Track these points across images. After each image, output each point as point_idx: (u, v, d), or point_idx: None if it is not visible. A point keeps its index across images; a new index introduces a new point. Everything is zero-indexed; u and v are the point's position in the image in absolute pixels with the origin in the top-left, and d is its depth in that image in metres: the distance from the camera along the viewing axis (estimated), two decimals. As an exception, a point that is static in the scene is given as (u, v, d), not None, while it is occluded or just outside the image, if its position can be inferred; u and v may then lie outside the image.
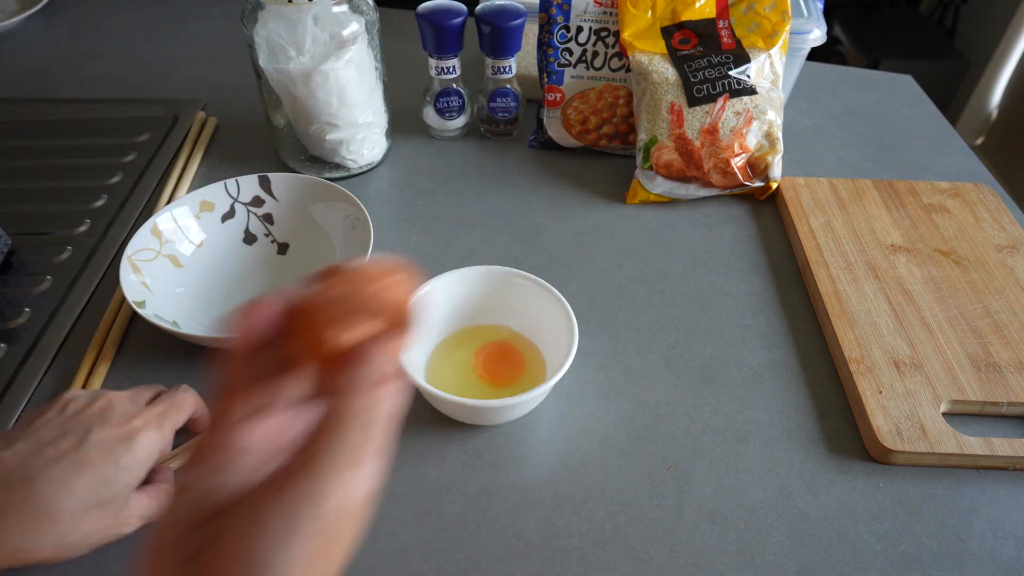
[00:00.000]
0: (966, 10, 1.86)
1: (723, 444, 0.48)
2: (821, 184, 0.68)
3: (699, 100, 0.64)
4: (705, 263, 0.62)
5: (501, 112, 0.73)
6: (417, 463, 0.46)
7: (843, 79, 0.91)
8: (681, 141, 0.64)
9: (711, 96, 0.63)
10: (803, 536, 0.43)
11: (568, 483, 0.45)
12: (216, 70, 0.87)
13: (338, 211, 0.59)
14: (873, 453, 0.47)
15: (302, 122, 0.66)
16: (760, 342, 0.55)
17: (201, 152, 0.73)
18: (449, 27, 0.66)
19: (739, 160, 0.65)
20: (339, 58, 0.61)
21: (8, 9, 0.98)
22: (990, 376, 0.50)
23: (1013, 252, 0.61)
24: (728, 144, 0.64)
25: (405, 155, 0.74)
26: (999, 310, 0.55)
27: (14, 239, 0.61)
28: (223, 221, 0.59)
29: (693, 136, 0.64)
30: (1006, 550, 0.43)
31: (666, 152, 0.65)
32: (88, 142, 0.74)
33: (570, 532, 0.43)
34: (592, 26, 0.68)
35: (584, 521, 0.44)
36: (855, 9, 1.84)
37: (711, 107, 0.63)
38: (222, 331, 0.51)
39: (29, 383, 0.50)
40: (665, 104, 0.64)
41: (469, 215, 0.66)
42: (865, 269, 0.59)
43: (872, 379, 0.50)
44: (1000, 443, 0.46)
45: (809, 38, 0.70)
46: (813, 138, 0.78)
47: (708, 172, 0.65)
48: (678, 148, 0.65)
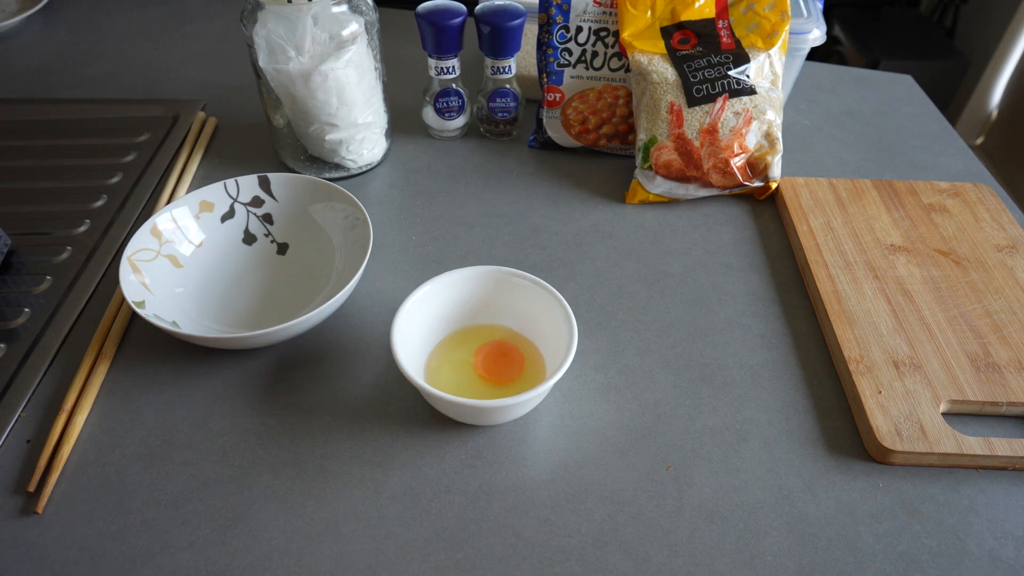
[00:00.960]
0: (966, 10, 1.86)
1: (722, 444, 0.48)
2: (820, 184, 0.68)
3: (698, 100, 0.64)
4: (704, 263, 0.62)
5: (501, 112, 0.73)
6: (416, 463, 0.46)
7: (843, 79, 0.91)
8: (680, 141, 0.64)
9: (710, 96, 0.63)
10: (802, 536, 0.43)
11: (567, 483, 0.46)
12: (216, 70, 0.87)
13: (338, 211, 0.59)
14: (872, 453, 0.47)
15: (302, 122, 0.66)
16: (759, 342, 0.55)
17: (201, 152, 0.73)
18: (449, 27, 0.66)
19: (738, 160, 0.65)
20: (338, 58, 0.61)
21: (8, 9, 0.98)
22: (989, 376, 0.50)
23: (1013, 252, 0.61)
24: (727, 144, 0.64)
25: (405, 155, 0.74)
26: (999, 310, 0.55)
27: (14, 239, 0.61)
28: (223, 221, 0.59)
29: (692, 136, 0.64)
30: (1005, 550, 0.43)
31: (665, 152, 0.65)
32: (88, 142, 0.74)
33: (569, 532, 0.43)
34: (591, 26, 0.68)
35: (583, 521, 0.44)
36: (855, 9, 1.84)
37: (710, 107, 0.63)
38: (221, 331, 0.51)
39: (29, 383, 0.50)
40: (664, 104, 0.64)
41: (469, 215, 0.66)
42: (864, 269, 0.59)
43: (871, 379, 0.50)
44: (999, 443, 0.46)
45: (809, 38, 0.70)
46: (813, 138, 0.79)
47: (707, 172, 0.65)
48: (677, 148, 0.65)
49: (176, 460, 0.46)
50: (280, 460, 0.46)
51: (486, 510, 0.44)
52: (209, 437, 0.48)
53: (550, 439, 0.48)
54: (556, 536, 0.43)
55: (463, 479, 0.46)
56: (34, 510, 0.43)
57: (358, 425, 0.48)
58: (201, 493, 0.44)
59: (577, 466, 0.46)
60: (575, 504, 0.44)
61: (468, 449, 0.47)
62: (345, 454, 0.47)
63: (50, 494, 0.44)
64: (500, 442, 0.48)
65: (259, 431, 0.48)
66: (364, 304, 0.57)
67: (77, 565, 0.41)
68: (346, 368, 0.52)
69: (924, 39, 1.77)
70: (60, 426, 0.47)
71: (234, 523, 0.43)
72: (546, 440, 0.48)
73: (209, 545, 0.42)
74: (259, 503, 0.44)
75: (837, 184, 0.68)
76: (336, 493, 0.45)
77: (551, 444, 0.48)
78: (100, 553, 0.41)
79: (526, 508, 0.44)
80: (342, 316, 0.56)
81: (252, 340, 0.50)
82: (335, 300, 0.50)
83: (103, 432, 0.48)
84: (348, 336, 0.55)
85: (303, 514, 0.43)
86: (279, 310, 0.55)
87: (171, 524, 0.43)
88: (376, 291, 0.58)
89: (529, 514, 0.44)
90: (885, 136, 0.79)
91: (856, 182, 0.68)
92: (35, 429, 0.48)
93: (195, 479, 0.45)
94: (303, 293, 0.57)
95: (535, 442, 0.48)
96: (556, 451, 0.47)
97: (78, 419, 0.48)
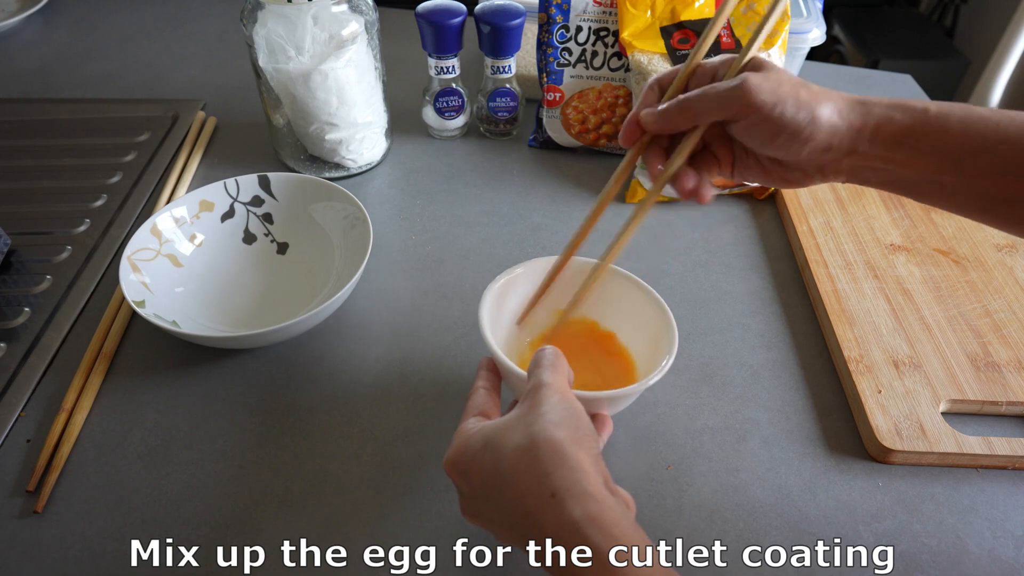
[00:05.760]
0: (966, 10, 1.85)
1: (722, 444, 0.48)
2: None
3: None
4: (704, 263, 0.62)
5: (500, 112, 0.73)
6: (416, 463, 0.46)
7: (843, 79, 0.91)
8: (680, 141, 0.64)
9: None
10: (802, 536, 0.43)
11: (567, 482, 0.45)
12: (216, 70, 0.87)
13: (338, 211, 0.59)
14: (872, 452, 0.47)
15: (302, 122, 0.66)
16: (759, 341, 0.55)
17: (201, 152, 0.73)
18: (448, 27, 0.66)
19: (738, 160, 0.65)
20: (338, 58, 0.61)
21: (8, 9, 0.98)
22: (989, 375, 0.50)
23: (1012, 251, 0.61)
24: (727, 144, 0.64)
25: (405, 155, 0.74)
26: (998, 309, 0.55)
27: (14, 239, 0.61)
28: (223, 221, 0.59)
29: (692, 136, 0.64)
30: (1005, 549, 0.43)
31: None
32: (88, 142, 0.74)
33: (569, 531, 0.43)
34: (591, 26, 0.68)
35: (583, 520, 0.43)
36: (855, 9, 1.84)
37: (710, 107, 0.63)
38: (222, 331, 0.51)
39: (29, 383, 0.50)
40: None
41: (469, 215, 0.66)
42: (864, 269, 0.59)
43: (871, 378, 0.50)
44: (999, 442, 0.46)
45: (808, 38, 0.70)
46: (812, 138, 0.78)
47: (707, 172, 0.65)
48: (677, 148, 0.65)
49: (176, 460, 0.46)
50: (280, 460, 0.46)
51: (486, 510, 0.44)
52: (209, 437, 0.48)
53: (550, 439, 0.48)
54: (556, 536, 0.43)
55: (463, 479, 0.46)
56: (34, 510, 0.43)
57: (358, 425, 0.48)
58: (201, 493, 0.44)
59: (577, 466, 0.46)
60: (575, 504, 0.44)
61: (468, 449, 0.47)
62: (345, 454, 0.47)
63: (50, 494, 0.44)
64: (500, 442, 0.48)
65: (259, 431, 0.48)
66: (364, 304, 0.57)
67: (77, 565, 0.41)
68: (346, 368, 0.52)
69: (924, 39, 1.77)
70: (60, 426, 0.47)
71: (234, 523, 0.43)
72: (546, 440, 0.48)
73: (209, 545, 0.42)
74: (259, 503, 0.44)
75: (837, 184, 0.68)
76: (336, 493, 0.45)
77: (551, 444, 0.48)
78: (100, 553, 0.41)
79: (526, 508, 0.44)
80: (342, 316, 0.56)
81: (252, 340, 0.50)
82: (335, 300, 0.50)
83: (103, 432, 0.48)
84: (348, 336, 0.55)
85: (303, 514, 0.43)
86: (279, 310, 0.55)
87: (171, 524, 0.43)
88: (376, 291, 0.58)
89: (529, 514, 0.44)
90: (885, 136, 0.79)
91: (856, 182, 0.68)
92: (35, 428, 0.48)
93: (195, 479, 0.45)
94: (303, 293, 0.57)
95: (535, 442, 0.48)
96: (556, 451, 0.47)
97: (78, 419, 0.48)
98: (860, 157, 0.37)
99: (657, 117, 0.39)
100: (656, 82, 0.41)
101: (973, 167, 0.35)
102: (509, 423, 0.34)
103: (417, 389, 0.51)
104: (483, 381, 0.41)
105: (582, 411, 0.35)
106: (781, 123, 0.36)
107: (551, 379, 0.36)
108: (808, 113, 0.35)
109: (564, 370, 0.38)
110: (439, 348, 0.54)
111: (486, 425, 0.36)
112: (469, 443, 0.35)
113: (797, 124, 0.35)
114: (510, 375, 0.42)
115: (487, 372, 0.42)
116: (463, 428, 0.37)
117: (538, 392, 0.35)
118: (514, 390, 0.44)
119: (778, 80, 0.36)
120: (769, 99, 0.35)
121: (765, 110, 0.35)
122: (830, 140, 0.36)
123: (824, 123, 0.36)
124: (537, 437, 0.32)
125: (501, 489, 0.32)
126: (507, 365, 0.41)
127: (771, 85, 0.35)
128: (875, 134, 0.36)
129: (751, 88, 0.35)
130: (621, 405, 0.45)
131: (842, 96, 0.37)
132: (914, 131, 0.35)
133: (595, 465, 0.32)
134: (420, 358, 0.53)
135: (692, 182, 0.39)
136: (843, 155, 0.37)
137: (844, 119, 0.36)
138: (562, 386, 0.36)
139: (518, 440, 0.33)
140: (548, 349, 0.39)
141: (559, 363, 0.38)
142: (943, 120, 0.35)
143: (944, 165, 0.35)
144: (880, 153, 0.36)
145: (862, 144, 0.36)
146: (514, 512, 0.32)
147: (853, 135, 0.36)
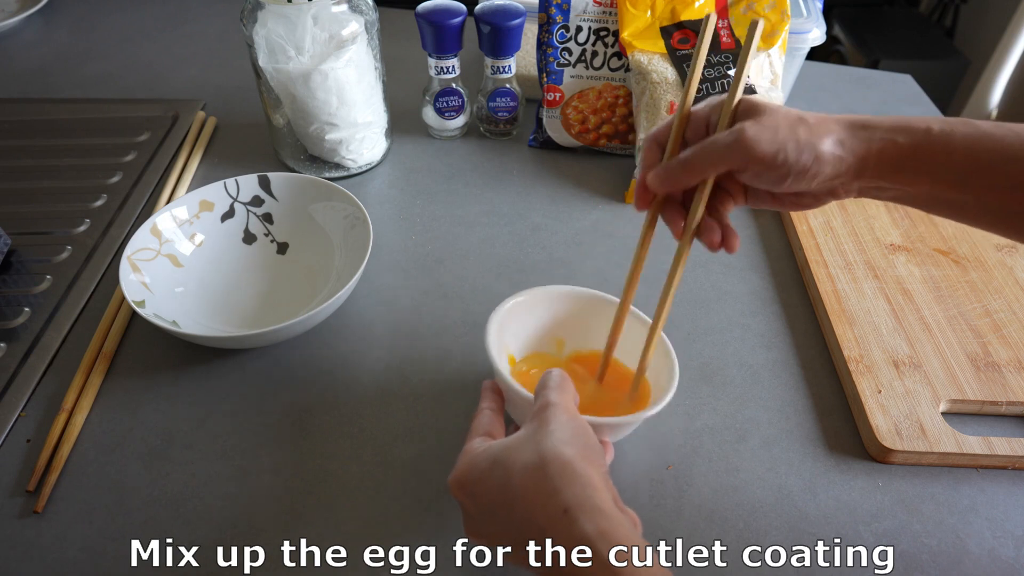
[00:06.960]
0: (966, 10, 1.85)
1: (722, 444, 0.48)
2: (820, 184, 0.68)
3: (698, 100, 0.63)
4: (704, 263, 0.62)
5: (500, 112, 0.73)
6: (416, 463, 0.46)
7: (843, 79, 0.91)
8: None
9: (710, 95, 0.63)
10: (802, 536, 0.43)
11: (567, 482, 0.45)
12: (216, 70, 0.87)
13: (338, 211, 0.59)
14: (872, 452, 0.47)
15: (302, 122, 0.66)
16: (759, 341, 0.55)
17: (201, 152, 0.73)
18: (448, 27, 0.66)
19: (738, 160, 0.65)
20: (338, 58, 0.61)
21: (8, 9, 0.98)
22: (989, 375, 0.50)
23: (1012, 251, 0.61)
24: (727, 144, 0.64)
25: (405, 155, 0.74)
26: (998, 309, 0.55)
27: (14, 239, 0.61)
28: (223, 221, 0.59)
29: (692, 136, 0.64)
30: (1005, 549, 0.43)
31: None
32: (88, 142, 0.74)
33: (569, 531, 0.43)
34: (591, 26, 0.68)
35: (583, 520, 0.43)
36: (855, 9, 1.84)
37: (710, 107, 0.63)
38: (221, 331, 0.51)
39: (29, 383, 0.50)
40: (664, 103, 0.64)
41: (469, 215, 0.66)
42: (864, 269, 0.59)
43: (871, 378, 0.50)
44: (999, 442, 0.46)
45: (808, 37, 0.70)
46: (812, 138, 0.78)
47: (707, 172, 0.65)
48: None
49: (176, 460, 0.46)
50: (280, 460, 0.46)
51: (486, 510, 0.44)
52: (209, 437, 0.47)
53: (550, 439, 0.48)
54: (556, 535, 0.43)
55: (463, 479, 0.45)
56: (34, 509, 0.43)
57: (358, 425, 0.48)
58: (201, 493, 0.44)
59: (577, 466, 0.46)
60: (575, 504, 0.44)
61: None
62: (345, 454, 0.47)
63: (50, 493, 0.44)
64: (500, 442, 0.48)
65: (259, 431, 0.48)
66: (364, 304, 0.57)
67: (77, 565, 0.41)
68: (346, 368, 0.52)
69: (924, 39, 1.76)
70: (60, 425, 0.47)
71: (234, 523, 0.43)
72: (546, 440, 0.48)
73: (209, 545, 0.42)
74: (259, 503, 0.44)
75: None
76: (336, 493, 0.45)
77: (551, 444, 0.48)
78: (100, 553, 0.41)
79: (526, 508, 0.44)
80: (342, 316, 0.56)
81: (252, 340, 0.50)
82: (335, 300, 0.50)
83: (103, 432, 0.48)
84: (348, 336, 0.55)
85: (303, 514, 0.43)
86: (279, 310, 0.55)
87: (171, 524, 0.43)
88: (376, 291, 0.58)
89: (529, 514, 0.44)
90: (885, 136, 0.79)
91: (856, 182, 0.68)
92: (35, 428, 0.48)
93: (195, 479, 0.45)
94: (303, 293, 0.57)
95: (535, 442, 0.48)
96: (556, 451, 0.47)
97: (78, 419, 0.48)
98: (868, 179, 0.37)
99: (663, 179, 0.39)
100: (653, 139, 0.41)
101: (980, 184, 0.35)
102: (517, 442, 0.34)
103: (417, 389, 0.51)
104: (488, 403, 0.42)
105: (590, 430, 0.35)
106: (786, 168, 0.35)
107: (559, 399, 0.36)
108: (811, 153, 0.35)
109: (571, 391, 0.38)
110: (439, 348, 0.54)
111: (493, 445, 0.36)
112: (476, 462, 0.35)
113: (802, 166, 0.35)
114: (515, 397, 0.42)
115: (491, 394, 0.42)
116: (469, 448, 0.37)
117: (546, 411, 0.35)
118: (519, 413, 0.44)
119: (775, 124, 0.35)
120: (770, 149, 0.35)
121: (767, 160, 0.35)
122: (836, 171, 0.36)
123: (828, 158, 0.36)
124: (547, 454, 0.32)
125: (511, 507, 0.32)
126: (514, 387, 0.42)
127: (769, 133, 0.35)
128: (880, 159, 0.36)
129: (749, 141, 0.35)
130: (622, 433, 0.45)
131: (841, 123, 0.36)
132: (917, 153, 0.35)
133: (605, 482, 0.32)
134: (420, 358, 0.53)
135: (718, 235, 0.39)
136: (851, 179, 0.37)
137: (847, 149, 0.36)
138: (569, 406, 0.36)
139: (527, 458, 0.33)
140: (555, 371, 0.39)
141: (566, 384, 0.38)
142: (946, 139, 0.35)
143: (951, 183, 0.35)
144: (886, 175, 0.36)
145: (868, 169, 0.36)
146: (524, 529, 0.31)
147: (858, 162, 0.36)
